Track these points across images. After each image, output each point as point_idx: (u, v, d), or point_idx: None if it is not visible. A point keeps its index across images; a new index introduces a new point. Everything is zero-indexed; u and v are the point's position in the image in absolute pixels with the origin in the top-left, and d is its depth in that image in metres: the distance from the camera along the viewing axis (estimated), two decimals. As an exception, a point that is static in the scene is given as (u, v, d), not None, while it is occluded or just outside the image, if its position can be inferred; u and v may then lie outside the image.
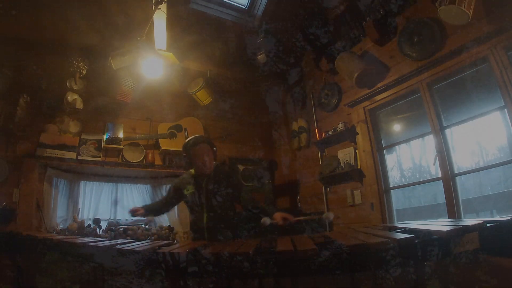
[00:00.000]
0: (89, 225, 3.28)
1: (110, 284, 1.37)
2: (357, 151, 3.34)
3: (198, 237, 2.14)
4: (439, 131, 2.69)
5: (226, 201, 2.12)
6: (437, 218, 2.81)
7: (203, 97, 3.85)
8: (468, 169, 2.66)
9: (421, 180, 3.07)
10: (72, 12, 2.90)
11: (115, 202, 3.76)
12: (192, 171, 2.22)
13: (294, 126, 4.19)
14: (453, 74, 2.63)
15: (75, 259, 1.59)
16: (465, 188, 2.68)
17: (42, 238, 2.04)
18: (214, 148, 2.21)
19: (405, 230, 1.31)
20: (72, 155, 3.27)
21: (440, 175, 2.67)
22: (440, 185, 2.66)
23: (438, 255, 1.10)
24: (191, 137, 2.22)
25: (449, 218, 2.52)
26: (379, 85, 3.11)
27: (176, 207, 3.82)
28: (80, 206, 3.48)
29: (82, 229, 3.14)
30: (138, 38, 2.86)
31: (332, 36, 3.51)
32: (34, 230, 2.87)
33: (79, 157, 3.30)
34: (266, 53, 3.46)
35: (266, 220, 1.83)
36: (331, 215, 1.99)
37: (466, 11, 2.14)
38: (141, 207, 2.20)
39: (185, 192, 2.20)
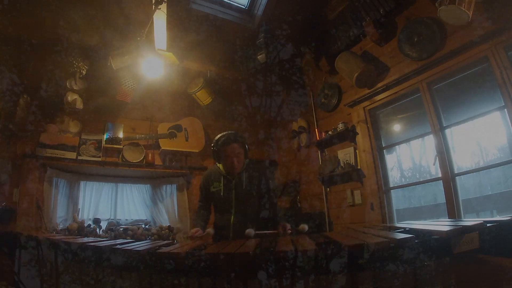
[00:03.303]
0: (89, 225, 3.28)
1: (109, 284, 1.37)
2: (357, 151, 3.34)
3: (222, 235, 2.03)
4: (439, 131, 2.69)
5: (256, 202, 2.03)
6: (437, 218, 2.82)
7: (203, 97, 3.85)
8: (468, 169, 2.66)
9: (421, 180, 3.07)
10: (72, 12, 2.91)
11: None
12: (220, 166, 2.08)
13: (294, 126, 4.19)
14: (453, 74, 2.63)
15: (74, 259, 1.59)
16: (465, 188, 2.68)
17: (42, 238, 2.04)
18: (247, 147, 2.05)
19: (405, 230, 1.31)
20: (72, 155, 3.27)
21: (440, 175, 2.67)
22: (440, 185, 2.66)
23: (438, 255, 1.10)
24: (223, 133, 2.03)
25: (449, 218, 2.52)
26: (379, 85, 3.11)
27: (176, 207, 3.85)
28: (80, 206, 3.48)
29: (82, 229, 3.15)
30: (138, 38, 2.86)
31: (332, 36, 3.51)
32: (34, 230, 2.87)
33: (79, 157, 3.31)
34: (266, 53, 3.46)
35: (250, 232, 1.72)
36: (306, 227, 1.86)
37: (466, 11, 2.14)
38: (198, 228, 1.95)
39: (212, 189, 2.07)
